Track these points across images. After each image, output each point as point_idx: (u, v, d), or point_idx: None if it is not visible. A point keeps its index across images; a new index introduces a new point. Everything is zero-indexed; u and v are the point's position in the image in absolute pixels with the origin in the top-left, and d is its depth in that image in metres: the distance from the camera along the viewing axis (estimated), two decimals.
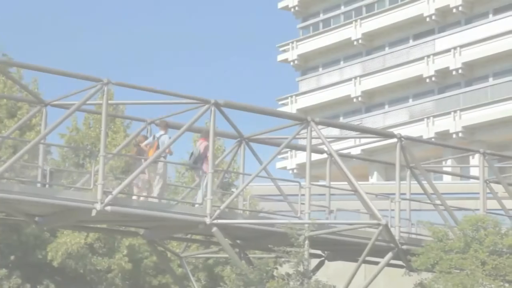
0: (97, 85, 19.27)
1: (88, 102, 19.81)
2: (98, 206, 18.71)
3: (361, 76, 57.75)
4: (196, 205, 20.66)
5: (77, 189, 20.10)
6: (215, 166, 21.75)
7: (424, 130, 53.21)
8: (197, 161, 20.73)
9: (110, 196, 18.84)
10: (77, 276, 26.94)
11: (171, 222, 20.54)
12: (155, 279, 27.76)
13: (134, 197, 20.21)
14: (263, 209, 26.14)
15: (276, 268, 25.02)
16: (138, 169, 19.70)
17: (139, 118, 22.43)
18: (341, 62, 60.22)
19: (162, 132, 20.69)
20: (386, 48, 57.90)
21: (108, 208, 18.81)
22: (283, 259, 20.85)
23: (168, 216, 19.85)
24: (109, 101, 20.36)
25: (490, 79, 52.48)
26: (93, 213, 18.82)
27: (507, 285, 20.42)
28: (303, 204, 20.94)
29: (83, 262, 26.44)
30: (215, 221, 19.96)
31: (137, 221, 20.86)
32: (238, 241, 22.39)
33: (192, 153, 20.88)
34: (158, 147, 20.24)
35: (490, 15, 53.01)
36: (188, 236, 23.99)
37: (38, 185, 19.83)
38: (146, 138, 20.87)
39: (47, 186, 19.88)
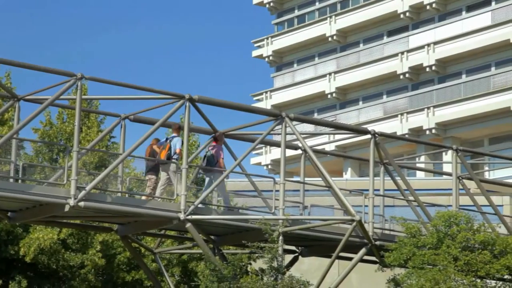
0: (70, 80, 19.17)
1: (61, 97, 19.70)
2: (71, 202, 18.62)
3: (335, 72, 57.88)
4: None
5: (50, 184, 19.98)
6: (190, 162, 21.72)
7: (397, 126, 53.45)
8: (209, 163, 21.20)
9: (83, 192, 18.77)
10: (49, 272, 26.79)
11: (145, 218, 20.49)
12: (128, 274, 27.67)
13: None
14: (237, 205, 26.15)
15: (250, 264, 25.04)
16: (111, 166, 19.65)
17: (113, 113, 22.34)
18: (316, 58, 60.32)
19: (174, 134, 21.08)
20: (361, 45, 58.08)
21: (82, 203, 18.73)
22: (257, 255, 20.86)
23: (142, 211, 19.80)
24: (83, 96, 20.26)
25: (463, 76, 52.81)
26: (66, 208, 18.73)
27: (478, 280, 20.58)
28: (277, 200, 20.98)
29: (56, 258, 26.29)
30: (189, 217, 19.95)
31: (110, 216, 20.78)
32: (212, 237, 22.39)
33: (205, 156, 21.33)
34: (170, 149, 20.66)
35: (463, 12, 53.33)
36: (162, 231, 23.94)
37: (11, 180, 19.68)
38: (158, 140, 21.24)
39: (20, 181, 19.75)
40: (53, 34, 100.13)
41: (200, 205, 20.48)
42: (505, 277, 21.02)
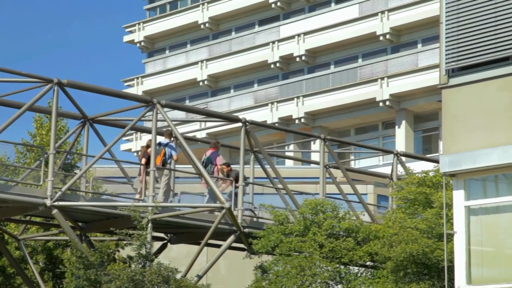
0: None
1: None
2: None
3: (207, 60, 57.97)
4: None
5: None
6: (57, 147, 21.30)
7: (268, 115, 54.11)
8: (206, 167, 22.02)
9: None
10: None
11: (9, 204, 19.96)
12: None
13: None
14: (106, 192, 25.85)
15: (118, 251, 24.82)
16: None
17: None
18: (188, 45, 60.22)
19: (167, 140, 21.69)
20: (233, 33, 58.37)
21: None
22: (125, 242, 20.71)
23: (5, 197, 19.30)
24: None
25: (332, 67, 53.95)
26: None
27: (342, 267, 21.13)
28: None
29: None
30: (55, 203, 19.59)
31: None
32: (80, 224, 22.05)
33: (203, 162, 22.20)
34: (164, 155, 21.39)
35: (332, 4, 54.45)
36: (27, 218, 23.39)
37: None
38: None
39: None
40: None
41: (67, 191, 20.17)
42: (367, 263, 21.67)
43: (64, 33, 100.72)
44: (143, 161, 21.59)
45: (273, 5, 55.71)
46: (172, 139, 22.07)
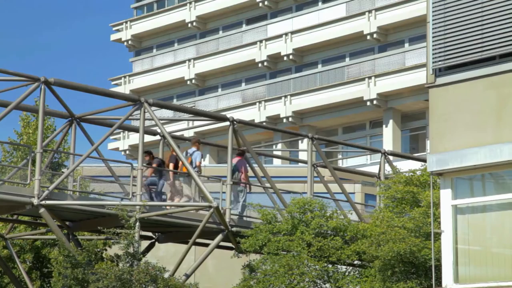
0: None
1: None
2: None
3: (195, 59, 57.94)
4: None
5: None
6: (45, 146, 21.26)
7: (256, 114, 54.13)
8: (232, 175, 22.19)
9: None
10: None
11: None
12: None
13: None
14: (93, 191, 25.82)
15: (106, 250, 24.80)
16: None
17: None
18: (175, 44, 60.15)
19: (194, 148, 22.10)
20: (220, 32, 58.35)
21: None
22: (113, 241, 20.69)
23: None
24: None
25: (319, 66, 54.02)
26: None
27: (330, 266, 21.16)
28: (135, 185, 20.86)
29: None
30: (43, 202, 19.55)
31: None
32: (67, 223, 22.01)
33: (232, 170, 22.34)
34: (191, 163, 21.66)
35: (320, 3, 54.52)
36: (15, 217, 23.33)
37: None
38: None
39: None
40: None
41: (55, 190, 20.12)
42: (355, 262, 21.71)
43: (51, 32, 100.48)
44: (171, 166, 21.82)
45: (260, 4, 55.72)
46: (199, 147, 22.51)
